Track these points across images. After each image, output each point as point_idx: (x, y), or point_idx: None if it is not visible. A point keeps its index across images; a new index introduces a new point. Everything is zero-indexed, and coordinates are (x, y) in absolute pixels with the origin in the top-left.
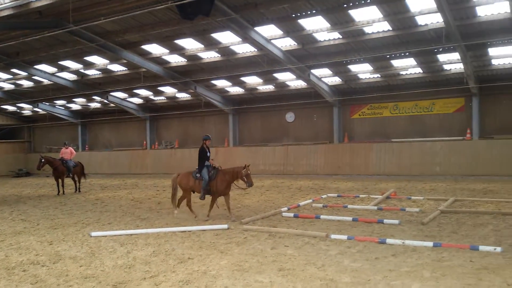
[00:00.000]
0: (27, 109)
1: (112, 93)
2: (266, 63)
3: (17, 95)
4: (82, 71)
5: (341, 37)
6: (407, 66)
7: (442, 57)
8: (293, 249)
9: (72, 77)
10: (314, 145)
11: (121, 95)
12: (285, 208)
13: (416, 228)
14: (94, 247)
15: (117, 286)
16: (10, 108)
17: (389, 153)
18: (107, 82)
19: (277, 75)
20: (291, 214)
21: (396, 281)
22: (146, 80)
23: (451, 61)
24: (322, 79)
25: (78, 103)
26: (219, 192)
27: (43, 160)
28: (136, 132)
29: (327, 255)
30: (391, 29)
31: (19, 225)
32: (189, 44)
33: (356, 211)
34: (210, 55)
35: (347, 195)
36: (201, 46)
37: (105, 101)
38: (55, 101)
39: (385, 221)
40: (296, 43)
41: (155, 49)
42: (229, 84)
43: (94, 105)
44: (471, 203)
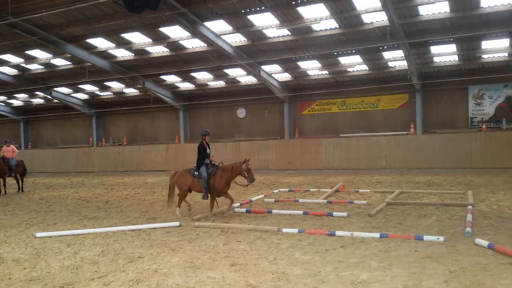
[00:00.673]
0: None
1: (55, 89)
2: (216, 58)
3: None
4: (23, 65)
5: (290, 34)
6: (354, 63)
7: (386, 55)
8: (245, 244)
9: (12, 71)
10: (265, 141)
11: (65, 90)
12: (237, 204)
13: (364, 220)
14: (39, 248)
15: None
16: None
17: (337, 148)
18: (51, 77)
19: (227, 70)
20: (244, 210)
21: (345, 272)
22: (91, 75)
23: (396, 59)
24: (273, 75)
25: (19, 99)
26: (218, 189)
27: None
28: (81, 129)
29: (279, 248)
30: (338, 26)
31: None
32: (137, 38)
33: (307, 204)
34: (159, 50)
35: (298, 189)
36: (149, 40)
37: (49, 96)
38: None
39: (335, 214)
40: (246, 39)
41: (100, 43)
42: (179, 79)
43: (37, 101)
44: (416, 195)
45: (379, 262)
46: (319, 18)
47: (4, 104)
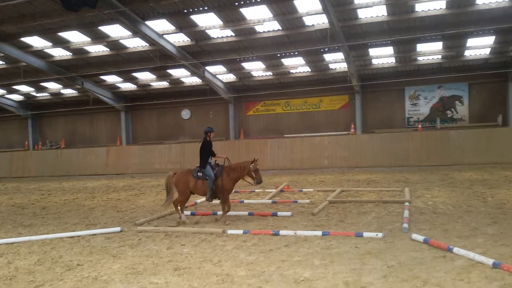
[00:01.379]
0: None
1: None
2: (159, 58)
3: None
4: None
5: (233, 34)
6: (297, 65)
7: (328, 57)
8: (189, 247)
9: None
10: None
11: None
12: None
13: (307, 218)
14: None
15: None
16: None
17: (282, 148)
18: None
19: (171, 71)
20: (188, 212)
21: (289, 270)
22: (26, 75)
23: (336, 61)
24: (217, 76)
25: None
26: (228, 191)
27: None
28: (16, 132)
29: (224, 250)
30: (281, 28)
31: None
32: (75, 37)
33: (252, 205)
34: (98, 49)
35: (243, 190)
36: (87, 39)
37: None
38: None
39: (279, 213)
40: (189, 39)
41: (36, 41)
42: (120, 79)
43: None
44: (356, 193)
45: (321, 259)
46: (262, 19)
47: None
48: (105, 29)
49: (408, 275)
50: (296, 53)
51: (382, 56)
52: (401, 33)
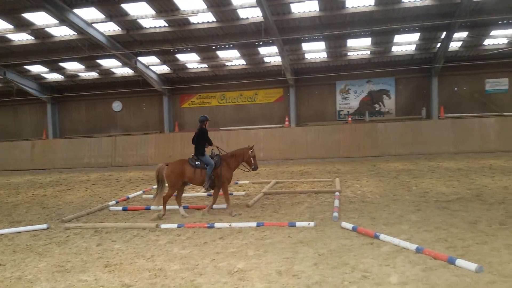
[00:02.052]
0: None
1: None
2: (88, 48)
3: None
4: None
5: (167, 25)
6: (232, 58)
7: (262, 50)
8: (121, 243)
9: None
10: (144, 135)
11: None
12: (113, 202)
13: (242, 210)
14: None
15: None
16: None
17: (218, 141)
18: None
19: (101, 61)
20: (120, 208)
21: (223, 262)
22: None
23: (271, 54)
24: (150, 67)
25: None
26: (228, 180)
27: None
28: None
29: (157, 245)
30: (215, 20)
31: None
32: None
33: (187, 198)
34: (22, 37)
35: None
36: (10, 27)
37: None
38: None
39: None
40: (120, 29)
41: None
42: (46, 70)
43: None
44: (290, 184)
45: (255, 250)
46: (196, 10)
47: None
48: (29, 16)
49: (337, 262)
50: (231, 45)
51: (315, 50)
52: (332, 28)
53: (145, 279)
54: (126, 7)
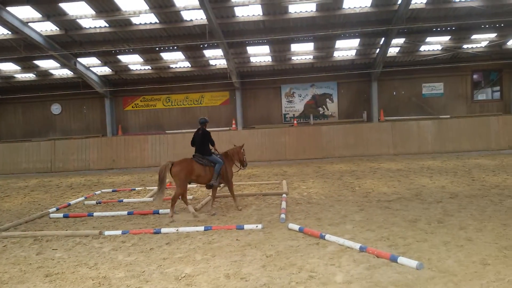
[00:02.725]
0: None
1: None
2: (23, 48)
3: None
4: None
5: (107, 25)
6: (177, 60)
7: (207, 53)
8: (62, 251)
9: None
10: (85, 139)
11: None
12: (54, 209)
13: (190, 214)
14: None
15: None
16: None
17: (164, 145)
18: None
19: (38, 62)
20: (61, 215)
21: (170, 268)
22: None
23: (216, 57)
24: (91, 68)
25: None
26: (232, 175)
27: None
28: None
29: (100, 253)
30: (158, 21)
31: None
32: None
33: (132, 204)
34: None
35: (122, 189)
36: None
37: None
38: None
39: (161, 211)
40: (58, 28)
41: None
42: None
43: None
44: (238, 187)
45: (203, 254)
46: (138, 11)
47: None
48: None
49: (285, 263)
50: (175, 47)
51: (260, 54)
52: (276, 33)
53: None
54: (64, 6)
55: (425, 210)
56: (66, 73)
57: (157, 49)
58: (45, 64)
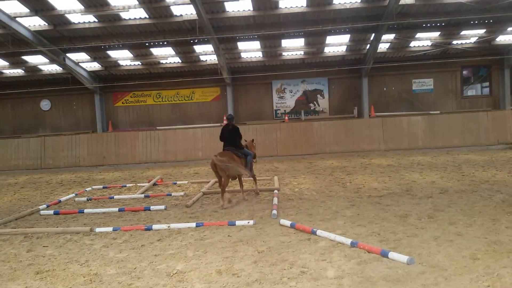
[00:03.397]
0: None
1: None
2: (11, 43)
3: None
4: None
5: (97, 20)
6: (167, 55)
7: (198, 48)
8: (53, 248)
9: None
10: (75, 135)
11: None
12: (44, 206)
13: (181, 211)
14: None
15: None
16: None
17: (155, 141)
18: None
19: (26, 57)
20: (51, 212)
21: (162, 264)
22: None
23: (206, 53)
24: (80, 64)
25: None
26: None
27: None
28: None
29: (91, 249)
30: (148, 16)
31: None
32: None
33: (123, 201)
34: None
35: (113, 185)
36: None
37: None
38: None
39: (152, 207)
40: (46, 24)
41: None
42: None
43: None
44: (230, 183)
45: (194, 251)
46: (127, 6)
47: None
48: None
49: (276, 258)
50: (165, 43)
51: (250, 50)
52: (266, 28)
53: (80, 285)
54: (52, 1)
55: (415, 205)
56: (55, 68)
57: (147, 44)
58: (34, 59)
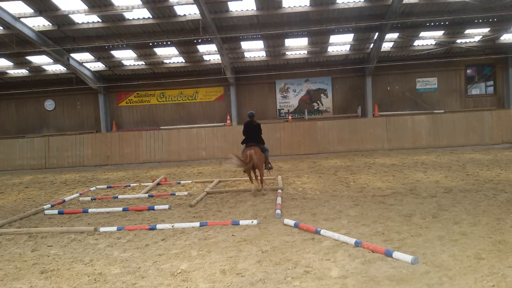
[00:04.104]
0: None
1: None
2: (15, 44)
3: None
4: None
5: (100, 20)
6: (170, 55)
7: (201, 48)
8: (57, 248)
9: None
10: (79, 135)
11: None
12: (48, 205)
13: (185, 210)
14: None
15: None
16: None
17: (158, 141)
18: None
19: (31, 58)
20: (55, 211)
21: (166, 264)
22: None
23: (210, 52)
24: (84, 64)
25: None
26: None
27: None
28: None
29: (96, 249)
30: (151, 16)
31: None
32: None
33: (127, 200)
34: None
35: (117, 185)
36: None
37: None
38: None
39: (156, 207)
40: (50, 24)
41: None
42: None
43: None
44: (233, 183)
45: (198, 250)
46: (131, 6)
47: None
48: None
49: (280, 258)
50: (169, 42)
51: (254, 49)
52: (270, 28)
53: (84, 284)
54: (56, 1)
55: (419, 204)
56: (59, 68)
57: (150, 44)
58: (38, 59)
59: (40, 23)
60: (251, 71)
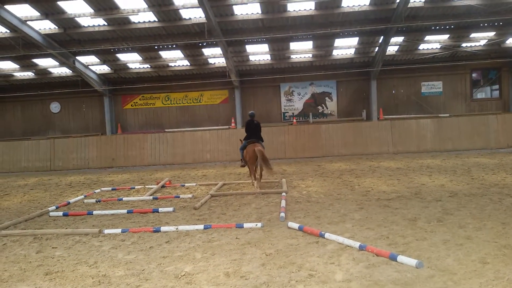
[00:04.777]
0: None
1: None
2: (22, 46)
3: None
4: None
5: (106, 24)
6: (175, 58)
7: (206, 51)
8: (62, 250)
9: None
10: (84, 137)
11: None
12: (53, 207)
13: (189, 213)
14: None
15: None
16: None
17: (163, 143)
18: None
19: (37, 60)
20: (60, 213)
21: (170, 266)
22: None
23: (215, 56)
24: (90, 67)
25: None
26: None
27: None
28: None
29: (100, 251)
30: (157, 20)
31: None
32: None
33: (132, 203)
34: None
35: (122, 187)
36: None
37: None
38: None
39: (160, 209)
40: (57, 27)
41: None
42: None
43: None
44: (237, 186)
45: (202, 253)
46: (136, 9)
47: None
48: None
49: (284, 261)
50: (174, 46)
51: (259, 53)
52: (275, 31)
53: (89, 286)
54: (62, 4)
55: (424, 208)
56: (65, 71)
57: (156, 47)
58: (44, 62)
59: (47, 26)
60: (255, 74)
